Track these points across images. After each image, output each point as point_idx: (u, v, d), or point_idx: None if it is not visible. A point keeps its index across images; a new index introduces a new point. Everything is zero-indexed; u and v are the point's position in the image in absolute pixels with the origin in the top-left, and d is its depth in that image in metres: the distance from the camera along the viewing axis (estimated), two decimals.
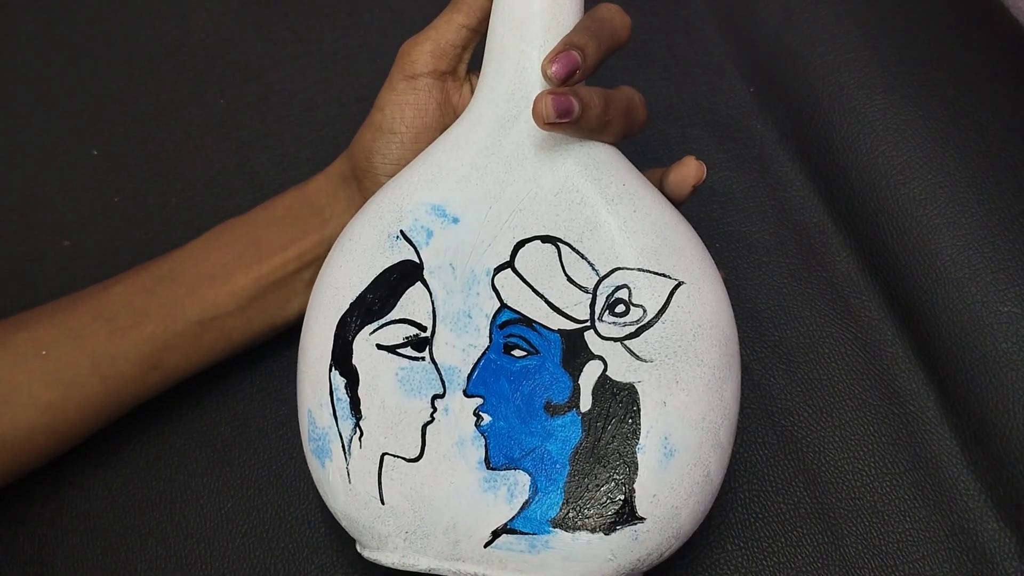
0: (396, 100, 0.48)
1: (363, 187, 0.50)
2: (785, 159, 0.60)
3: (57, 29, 0.66)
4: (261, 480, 0.52)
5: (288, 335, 0.54)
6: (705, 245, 0.46)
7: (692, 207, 0.47)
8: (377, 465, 0.44)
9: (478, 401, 0.44)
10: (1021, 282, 0.53)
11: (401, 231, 0.45)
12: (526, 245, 0.44)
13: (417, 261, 0.45)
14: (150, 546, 0.51)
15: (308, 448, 0.46)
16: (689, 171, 0.47)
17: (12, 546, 0.51)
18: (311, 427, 0.45)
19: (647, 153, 0.60)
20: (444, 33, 0.47)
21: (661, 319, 0.43)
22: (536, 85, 0.45)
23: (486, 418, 0.44)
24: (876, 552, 0.50)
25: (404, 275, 0.45)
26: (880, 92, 0.58)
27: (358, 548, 0.46)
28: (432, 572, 0.44)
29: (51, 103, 0.64)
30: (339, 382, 0.45)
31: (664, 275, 0.43)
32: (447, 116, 0.48)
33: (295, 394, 0.47)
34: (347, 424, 0.44)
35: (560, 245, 0.44)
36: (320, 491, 0.46)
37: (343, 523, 0.45)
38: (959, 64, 0.59)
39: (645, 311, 0.43)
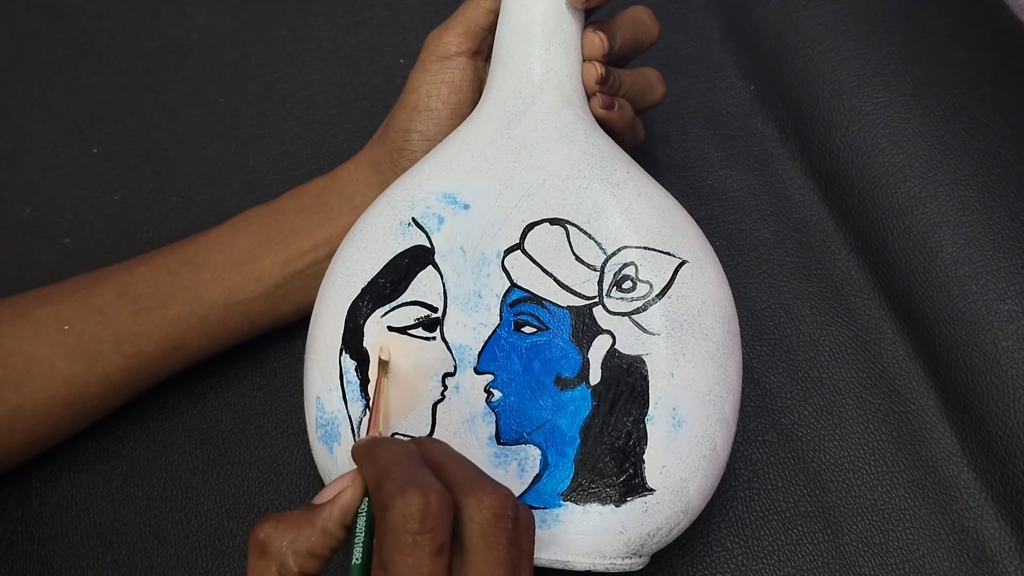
0: (431, 80, 0.50)
1: (398, 168, 0.50)
2: (785, 157, 0.60)
3: (57, 27, 0.66)
4: (262, 478, 0.52)
5: (289, 331, 0.54)
6: None
7: (692, 205, 0.48)
8: None
9: (488, 378, 0.44)
10: (1021, 280, 0.53)
11: (413, 218, 0.46)
12: (535, 228, 0.45)
13: (428, 246, 0.45)
14: (151, 544, 0.51)
15: (315, 435, 0.45)
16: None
17: (12, 544, 0.51)
18: (319, 413, 0.45)
19: (647, 151, 0.60)
20: (473, 16, 0.50)
21: (667, 294, 0.44)
22: (541, 84, 0.47)
23: (496, 394, 0.44)
24: (876, 550, 0.50)
25: (415, 259, 0.45)
26: (880, 90, 0.58)
27: None
28: None
29: (51, 101, 0.64)
30: (349, 365, 0.45)
31: (669, 253, 0.44)
32: (478, 93, 0.50)
33: (296, 391, 0.47)
34: (357, 407, 0.45)
35: (568, 227, 0.45)
36: (325, 479, 0.46)
37: None
38: (959, 62, 0.59)
39: (651, 287, 0.44)
